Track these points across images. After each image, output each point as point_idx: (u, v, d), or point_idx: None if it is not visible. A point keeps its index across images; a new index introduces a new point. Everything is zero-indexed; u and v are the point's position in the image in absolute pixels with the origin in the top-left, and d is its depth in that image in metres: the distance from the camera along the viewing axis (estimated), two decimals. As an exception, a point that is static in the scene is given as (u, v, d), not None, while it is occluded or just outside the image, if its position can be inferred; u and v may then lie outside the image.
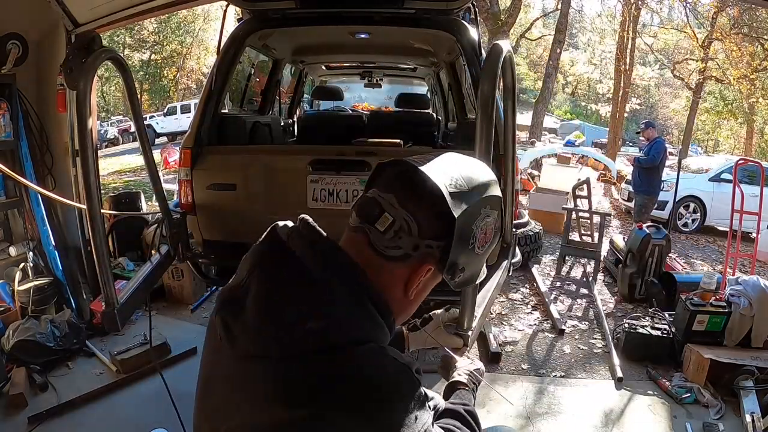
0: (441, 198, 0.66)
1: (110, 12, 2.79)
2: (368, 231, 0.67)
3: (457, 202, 0.67)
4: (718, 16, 14.15)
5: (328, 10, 2.40)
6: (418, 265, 0.68)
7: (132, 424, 2.17)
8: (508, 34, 12.45)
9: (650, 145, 5.35)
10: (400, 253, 0.67)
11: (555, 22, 15.67)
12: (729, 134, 20.42)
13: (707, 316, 2.74)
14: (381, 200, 0.67)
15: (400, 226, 0.66)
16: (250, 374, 0.63)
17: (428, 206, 0.67)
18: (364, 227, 0.67)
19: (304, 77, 4.82)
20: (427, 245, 0.67)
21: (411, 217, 0.66)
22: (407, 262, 0.68)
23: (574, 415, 2.38)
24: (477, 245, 0.71)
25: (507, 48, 1.21)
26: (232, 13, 3.18)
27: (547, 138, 15.15)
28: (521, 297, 3.85)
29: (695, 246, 6.68)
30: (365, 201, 0.69)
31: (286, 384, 0.60)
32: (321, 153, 2.30)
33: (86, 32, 2.84)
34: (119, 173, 10.47)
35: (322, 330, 0.61)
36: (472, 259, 0.72)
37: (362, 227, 0.68)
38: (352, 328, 0.63)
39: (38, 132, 2.91)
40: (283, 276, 0.65)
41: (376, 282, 0.67)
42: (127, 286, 1.97)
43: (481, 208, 0.70)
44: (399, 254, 0.67)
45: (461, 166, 0.72)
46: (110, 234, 3.56)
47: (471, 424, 0.83)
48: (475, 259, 0.73)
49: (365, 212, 0.68)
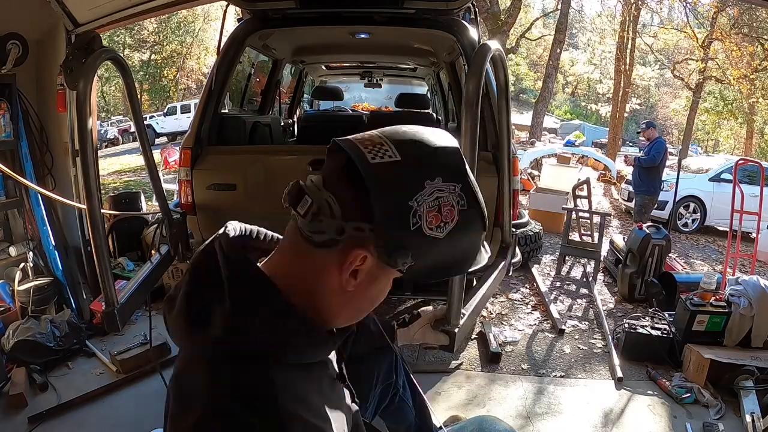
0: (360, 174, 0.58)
1: (110, 12, 2.79)
2: (295, 217, 0.63)
3: (380, 175, 0.58)
4: (718, 16, 14.15)
5: (328, 10, 2.40)
6: (348, 250, 0.60)
7: (132, 424, 2.17)
8: (508, 34, 12.46)
9: (651, 145, 5.35)
10: (325, 238, 0.60)
11: (555, 22, 15.66)
12: (729, 134, 20.42)
13: (707, 316, 2.74)
14: (307, 183, 0.62)
15: (318, 208, 0.59)
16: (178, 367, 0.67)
17: (348, 185, 0.59)
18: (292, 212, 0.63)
19: (304, 77, 4.83)
20: (355, 227, 0.58)
21: (332, 198, 0.59)
22: (336, 248, 0.60)
23: (574, 415, 2.38)
24: (425, 226, 0.59)
25: (495, 47, 1.21)
26: (232, 13, 3.19)
27: (547, 138, 15.15)
28: (521, 297, 3.84)
29: (695, 246, 6.68)
30: (291, 186, 0.63)
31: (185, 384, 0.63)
32: (321, 153, 2.28)
33: (86, 32, 2.83)
34: (119, 173, 10.47)
35: (219, 339, 0.60)
36: (425, 243, 0.60)
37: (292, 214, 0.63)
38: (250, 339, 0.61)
39: (38, 132, 2.91)
40: (203, 280, 0.65)
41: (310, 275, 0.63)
42: (127, 286, 1.97)
43: (425, 180, 0.59)
44: (324, 239, 0.60)
45: (398, 132, 0.63)
46: (110, 234, 3.56)
47: None
48: (431, 244, 0.60)
49: (290, 196, 0.62)
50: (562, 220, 4.93)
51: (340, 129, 3.61)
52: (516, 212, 2.26)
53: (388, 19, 2.39)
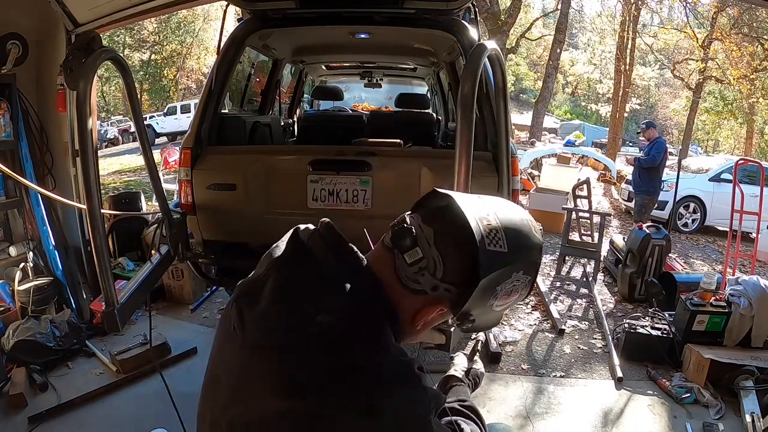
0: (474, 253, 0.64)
1: (110, 12, 2.79)
2: (396, 257, 0.68)
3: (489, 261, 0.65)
4: (718, 16, 14.15)
5: (328, 10, 2.40)
6: (432, 302, 0.68)
7: (132, 424, 2.17)
8: (508, 34, 12.47)
9: (651, 145, 5.35)
10: (419, 288, 0.67)
11: (555, 22, 15.67)
12: (729, 134, 20.42)
13: (707, 316, 2.74)
14: (418, 232, 0.67)
15: (426, 264, 0.66)
16: (257, 363, 0.64)
17: (460, 255, 0.66)
18: (394, 252, 0.68)
19: (304, 77, 4.82)
20: (446, 288, 0.66)
21: (440, 259, 0.66)
22: (423, 296, 0.68)
23: (574, 414, 2.38)
24: (496, 303, 0.69)
25: (491, 47, 1.21)
26: (232, 13, 3.19)
27: (547, 138, 15.14)
28: (521, 297, 3.84)
29: (695, 246, 6.68)
30: (403, 230, 0.68)
31: (290, 374, 0.61)
32: (321, 153, 2.30)
33: (86, 32, 2.83)
34: (119, 173, 10.47)
35: (329, 324, 0.62)
36: (486, 312, 0.71)
37: (393, 250, 0.68)
38: (358, 326, 0.64)
39: (38, 132, 2.91)
40: (299, 272, 0.68)
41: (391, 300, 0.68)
42: (127, 286, 1.98)
43: (513, 272, 0.68)
44: (417, 288, 0.67)
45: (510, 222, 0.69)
46: (110, 234, 3.56)
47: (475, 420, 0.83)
48: (489, 313, 0.71)
49: (399, 239, 0.68)
50: (562, 220, 4.93)
51: (340, 129, 3.60)
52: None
53: (388, 19, 2.39)
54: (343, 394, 0.59)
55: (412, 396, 0.63)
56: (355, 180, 2.23)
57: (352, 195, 2.24)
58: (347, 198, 2.24)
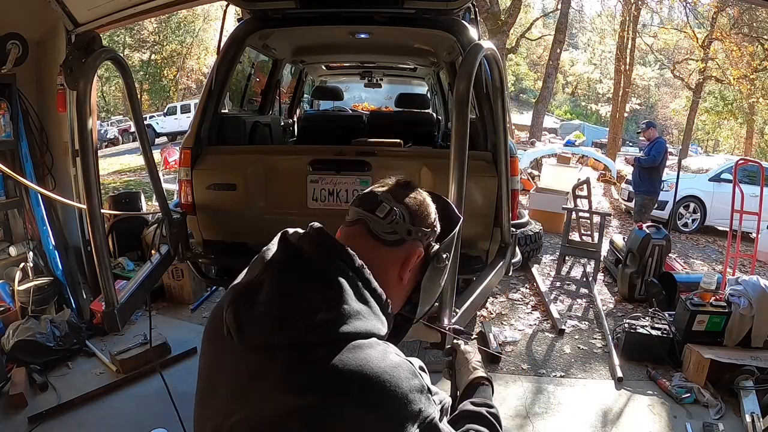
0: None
1: (110, 12, 2.79)
2: (368, 220, 0.75)
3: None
4: (718, 16, 14.14)
5: (328, 10, 2.40)
6: (410, 249, 0.77)
7: (132, 424, 2.17)
8: (508, 34, 12.47)
9: (651, 145, 5.34)
10: (396, 238, 0.76)
11: (555, 22, 15.66)
12: (729, 134, 20.41)
13: (707, 316, 2.75)
14: (379, 194, 0.77)
15: (398, 213, 0.75)
16: (259, 365, 0.64)
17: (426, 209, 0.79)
18: (364, 217, 0.76)
19: (304, 77, 4.82)
20: (419, 231, 0.77)
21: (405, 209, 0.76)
22: (402, 246, 0.77)
23: (574, 414, 2.38)
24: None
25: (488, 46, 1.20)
26: (232, 13, 3.18)
27: (547, 138, 15.14)
28: (521, 297, 3.85)
29: (695, 246, 6.68)
30: (365, 194, 0.79)
31: (294, 372, 0.62)
32: (321, 153, 2.30)
33: (86, 32, 2.83)
34: (119, 173, 10.47)
35: (331, 321, 0.64)
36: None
37: (362, 218, 0.76)
38: (358, 322, 0.66)
39: (38, 132, 2.91)
40: (294, 273, 0.69)
41: (376, 269, 0.73)
42: (127, 286, 1.97)
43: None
44: (395, 239, 0.76)
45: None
46: (110, 234, 3.56)
47: (495, 427, 0.82)
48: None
49: (366, 203, 0.77)
50: (562, 220, 4.93)
51: (340, 129, 3.59)
52: (516, 212, 2.26)
53: (388, 19, 2.38)
54: (348, 391, 0.60)
55: (415, 399, 0.64)
56: (355, 180, 2.23)
57: (352, 195, 2.24)
58: (347, 198, 2.24)
